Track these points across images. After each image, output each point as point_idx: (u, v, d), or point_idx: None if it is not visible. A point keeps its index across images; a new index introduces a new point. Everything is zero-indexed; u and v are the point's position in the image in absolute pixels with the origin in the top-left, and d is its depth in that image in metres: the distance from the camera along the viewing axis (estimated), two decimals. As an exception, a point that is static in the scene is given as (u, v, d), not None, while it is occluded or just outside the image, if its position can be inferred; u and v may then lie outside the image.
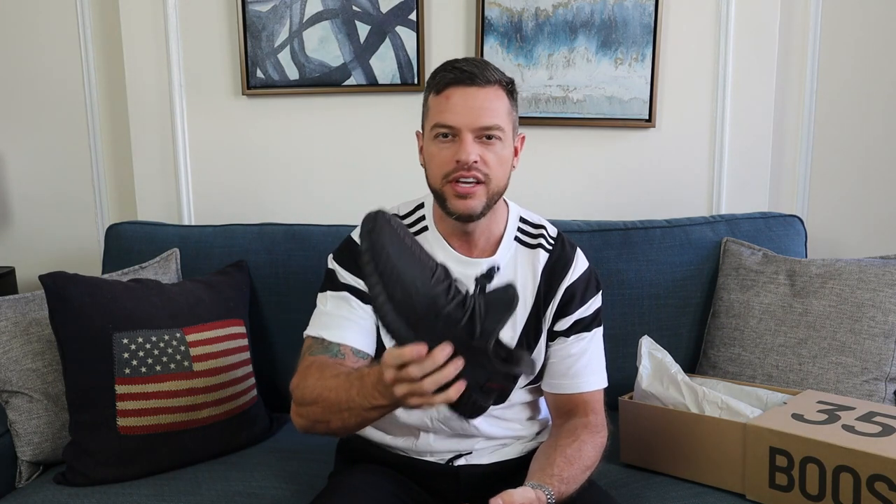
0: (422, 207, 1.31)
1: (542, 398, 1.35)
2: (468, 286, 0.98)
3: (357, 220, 1.32)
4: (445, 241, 1.27)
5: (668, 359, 1.50)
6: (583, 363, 1.27)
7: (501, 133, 1.18)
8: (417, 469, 1.29)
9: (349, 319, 1.22)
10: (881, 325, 1.56)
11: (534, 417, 1.35)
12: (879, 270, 1.60)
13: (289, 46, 2.01)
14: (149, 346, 1.49)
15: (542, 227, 1.32)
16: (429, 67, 1.97)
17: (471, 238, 1.26)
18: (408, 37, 1.99)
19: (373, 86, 2.02)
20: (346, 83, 2.02)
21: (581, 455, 1.18)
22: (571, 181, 2.06)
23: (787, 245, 1.82)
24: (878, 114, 2.02)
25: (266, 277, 1.80)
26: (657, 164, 2.03)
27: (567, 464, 1.15)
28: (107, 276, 1.68)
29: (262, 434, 1.64)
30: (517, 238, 1.30)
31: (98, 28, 2.11)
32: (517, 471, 1.22)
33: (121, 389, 1.45)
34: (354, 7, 1.98)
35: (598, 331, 1.31)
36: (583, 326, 1.28)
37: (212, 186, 2.10)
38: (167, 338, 1.51)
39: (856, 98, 2.02)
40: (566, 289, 1.27)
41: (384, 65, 2.01)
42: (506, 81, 1.21)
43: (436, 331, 0.93)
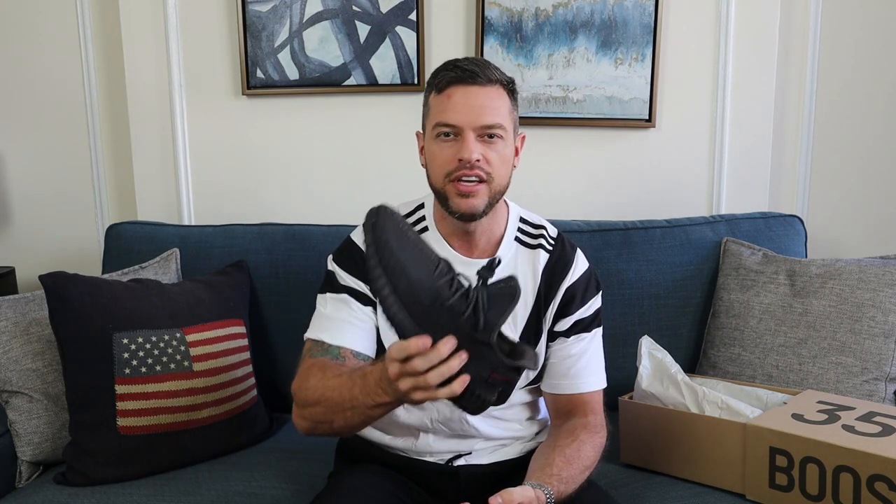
0: (422, 208, 1.31)
1: (542, 398, 1.35)
2: (471, 280, 0.98)
3: (357, 221, 1.33)
4: (446, 242, 1.26)
5: (668, 359, 1.50)
6: (582, 364, 1.27)
7: (503, 132, 1.18)
8: (417, 469, 1.29)
9: (349, 322, 1.22)
10: (881, 325, 1.56)
11: (533, 418, 1.35)
12: (879, 270, 1.60)
13: (289, 46, 2.01)
14: (149, 346, 1.49)
15: (543, 228, 1.32)
16: (429, 67, 1.97)
17: (471, 238, 1.26)
18: (408, 37, 1.99)
19: (373, 86, 2.02)
20: (346, 83, 2.02)
21: (580, 455, 1.18)
22: (571, 181, 2.06)
23: (787, 245, 1.82)
24: (878, 114, 2.02)
25: (266, 277, 1.80)
26: (657, 164, 2.03)
27: (566, 463, 1.15)
28: (107, 276, 1.68)
29: (262, 434, 1.64)
30: (517, 238, 1.29)
31: (98, 28, 2.11)
32: (517, 471, 1.22)
33: (121, 389, 1.45)
34: (354, 7, 1.98)
35: (598, 331, 1.31)
36: (583, 327, 1.28)
37: (212, 186, 2.10)
38: (167, 338, 1.51)
39: (856, 98, 2.02)
40: (566, 289, 1.27)
41: (384, 65, 2.01)
42: (506, 81, 1.21)
43: (440, 323, 0.93)
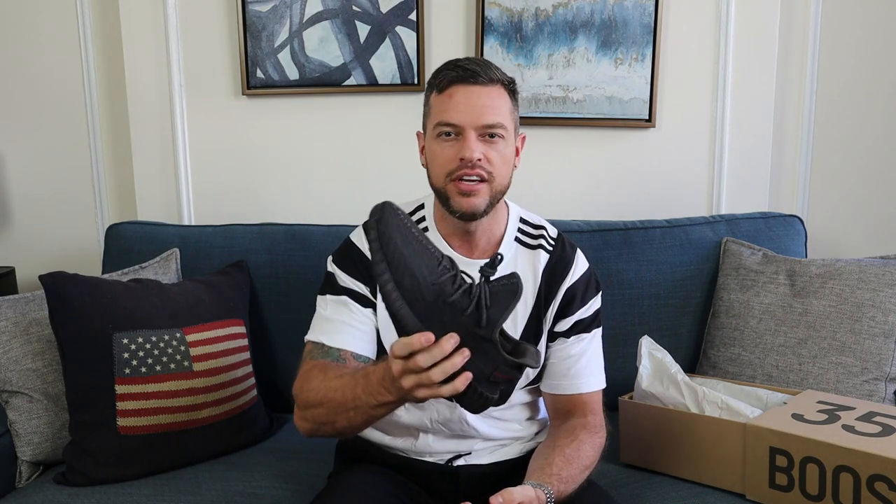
0: (422, 208, 1.31)
1: (541, 398, 1.35)
2: (473, 278, 0.98)
3: (357, 221, 1.33)
4: (446, 242, 1.26)
5: (668, 359, 1.50)
6: (582, 364, 1.27)
7: (504, 131, 1.19)
8: (417, 469, 1.29)
9: (349, 324, 1.22)
10: (881, 325, 1.56)
11: (533, 418, 1.35)
12: (879, 270, 1.60)
13: (289, 46, 2.01)
14: (149, 346, 1.49)
15: (543, 228, 1.32)
16: (429, 67, 1.97)
17: (472, 238, 1.26)
18: (408, 37, 1.99)
19: (373, 86, 2.02)
20: (346, 83, 2.02)
21: (580, 455, 1.18)
22: (571, 181, 2.06)
23: (787, 245, 1.82)
24: (878, 114, 2.02)
25: (266, 277, 1.80)
26: (657, 164, 2.03)
27: (566, 463, 1.15)
28: (107, 276, 1.68)
29: (262, 434, 1.64)
30: (517, 239, 1.29)
31: (98, 28, 2.11)
32: (516, 471, 1.22)
33: (121, 389, 1.45)
34: (354, 7, 1.98)
35: (598, 332, 1.31)
36: (583, 327, 1.28)
37: (212, 186, 2.10)
38: (167, 338, 1.51)
39: (856, 98, 2.02)
40: (567, 290, 1.27)
41: (384, 65, 2.01)
42: (507, 81, 1.21)
43: (443, 320, 0.94)
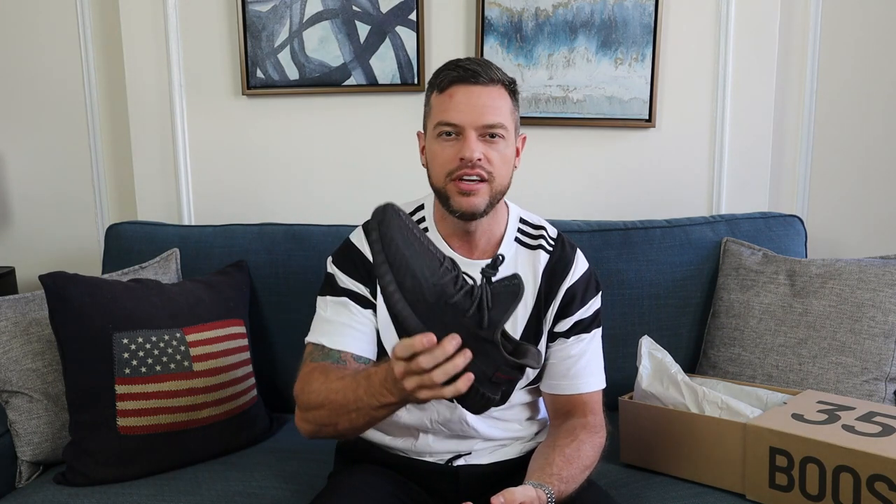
0: (422, 209, 1.31)
1: (541, 398, 1.35)
2: (475, 279, 0.99)
3: (357, 221, 1.34)
4: (446, 242, 1.26)
5: (668, 359, 1.50)
6: (582, 364, 1.27)
7: (504, 131, 1.19)
8: (417, 469, 1.29)
9: (349, 326, 1.22)
10: (881, 325, 1.56)
11: (533, 418, 1.35)
12: (879, 270, 1.60)
13: (289, 46, 2.01)
14: (149, 346, 1.49)
15: (542, 228, 1.32)
16: (429, 67, 1.97)
17: (471, 239, 1.25)
18: (408, 37, 1.99)
19: (373, 86, 2.02)
20: (346, 83, 2.02)
21: (580, 455, 1.18)
22: (571, 181, 2.06)
23: (787, 245, 1.82)
24: (878, 114, 2.02)
25: (266, 277, 1.80)
26: (657, 164, 2.03)
27: (566, 463, 1.15)
28: (107, 276, 1.68)
29: (262, 434, 1.64)
30: (517, 239, 1.29)
31: (98, 28, 2.11)
32: (516, 471, 1.22)
33: (121, 389, 1.45)
34: (354, 7, 1.98)
35: (598, 332, 1.31)
36: (582, 328, 1.28)
37: (212, 186, 2.10)
38: (167, 338, 1.51)
39: (856, 98, 2.02)
40: (567, 290, 1.27)
41: (384, 65, 2.00)
42: (508, 81, 1.21)
43: (444, 321, 0.94)
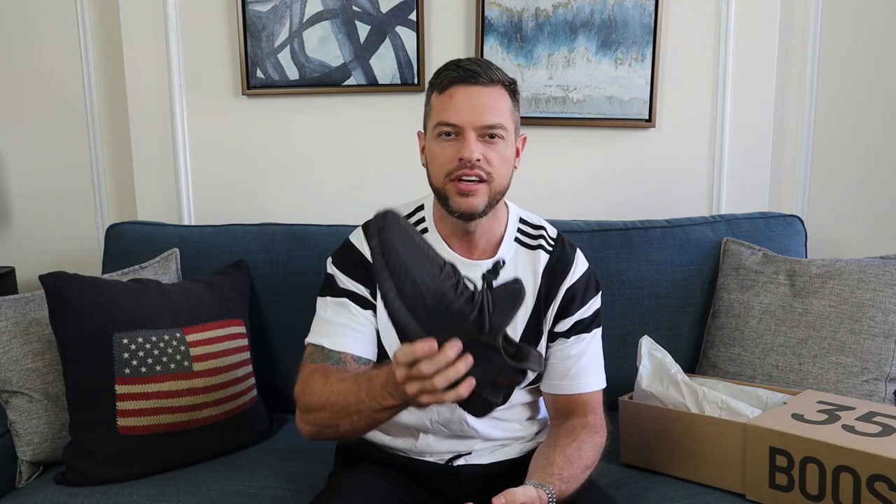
0: (422, 209, 1.31)
1: (541, 398, 1.35)
2: (476, 283, 0.98)
3: (357, 221, 1.33)
4: (445, 242, 1.26)
5: (668, 359, 1.50)
6: (582, 364, 1.27)
7: (504, 132, 1.19)
8: (417, 469, 1.29)
9: (349, 327, 1.22)
10: (881, 325, 1.56)
11: (533, 418, 1.35)
12: (879, 270, 1.60)
13: (289, 46, 2.01)
14: (149, 346, 1.49)
15: (542, 228, 1.32)
16: (429, 67, 1.97)
17: (471, 239, 1.25)
18: (408, 37, 1.99)
19: (373, 86, 2.02)
20: (346, 83, 2.02)
21: (580, 454, 1.18)
22: (571, 181, 2.06)
23: (787, 245, 1.82)
24: (878, 114, 2.02)
25: (266, 277, 1.80)
26: (657, 164, 2.03)
27: (567, 463, 1.15)
28: (107, 276, 1.68)
29: (262, 434, 1.64)
30: (517, 239, 1.29)
31: (98, 28, 2.11)
32: (517, 471, 1.22)
33: (121, 389, 1.45)
34: (354, 7, 1.98)
35: (598, 331, 1.31)
36: (583, 327, 1.28)
37: (212, 186, 2.10)
38: (167, 338, 1.51)
39: (856, 98, 2.02)
40: (567, 290, 1.27)
41: (384, 65, 2.00)
42: (508, 82, 1.21)
43: (445, 327, 0.94)
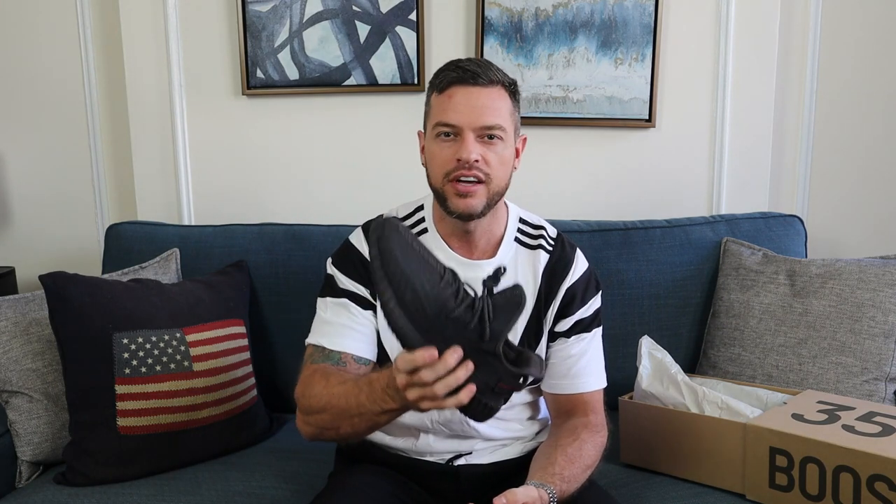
0: (421, 209, 1.31)
1: (542, 398, 1.35)
2: (476, 289, 0.99)
3: (357, 221, 1.34)
4: (445, 243, 1.26)
5: (668, 359, 1.50)
6: (583, 363, 1.28)
7: (503, 133, 1.18)
8: (417, 469, 1.29)
9: (349, 327, 1.22)
10: (881, 325, 1.56)
11: (534, 417, 1.35)
12: (879, 270, 1.60)
13: (289, 46, 2.01)
14: (149, 346, 1.49)
15: (542, 228, 1.32)
16: (429, 67, 1.97)
17: (471, 239, 1.25)
18: (408, 37, 1.99)
19: (373, 86, 2.02)
20: (346, 83, 2.02)
21: (582, 454, 1.18)
22: (571, 181, 2.06)
23: (787, 245, 1.82)
24: (878, 114, 2.02)
25: (266, 277, 1.80)
26: (657, 164, 2.03)
27: (568, 463, 1.15)
28: (107, 276, 1.68)
29: (262, 434, 1.64)
30: (517, 239, 1.29)
31: (98, 28, 2.11)
32: (517, 471, 1.22)
33: (121, 389, 1.45)
34: (354, 7, 1.98)
35: (598, 331, 1.31)
36: (583, 327, 1.28)
37: (212, 186, 2.10)
38: (167, 338, 1.51)
39: (856, 98, 2.02)
40: (567, 289, 1.27)
41: (384, 65, 2.00)
42: (508, 82, 1.21)
43: (445, 334, 0.94)
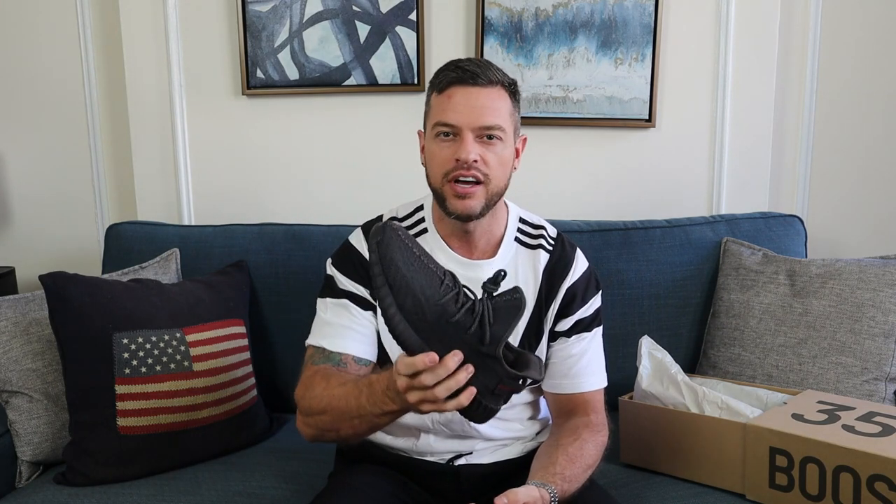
0: (421, 209, 1.31)
1: (542, 397, 1.35)
2: (476, 291, 0.99)
3: (357, 221, 1.34)
4: (445, 243, 1.26)
5: (668, 359, 1.50)
6: (583, 363, 1.28)
7: (502, 133, 1.18)
8: (418, 469, 1.29)
9: (349, 328, 1.23)
10: (881, 325, 1.56)
11: (534, 417, 1.35)
12: (879, 270, 1.60)
13: (289, 46, 2.01)
14: (149, 346, 1.49)
15: (542, 228, 1.32)
16: (429, 67, 1.97)
17: (471, 239, 1.25)
18: (408, 37, 1.99)
19: (373, 86, 2.02)
20: (346, 83, 2.02)
21: (583, 454, 1.18)
22: (571, 181, 2.06)
23: (787, 245, 1.82)
24: (878, 114, 2.02)
25: (266, 277, 1.80)
26: (657, 164, 2.03)
27: (569, 462, 1.16)
28: (107, 276, 1.68)
29: (262, 434, 1.64)
30: (517, 239, 1.29)
31: (98, 28, 2.11)
32: (518, 471, 1.22)
33: (121, 389, 1.45)
34: (354, 7, 1.98)
35: (598, 330, 1.32)
36: (583, 326, 1.28)
37: (212, 186, 2.10)
38: (167, 338, 1.51)
39: (856, 98, 2.02)
40: (567, 289, 1.27)
41: (384, 65, 2.00)
42: (508, 82, 1.21)
43: (446, 338, 0.95)
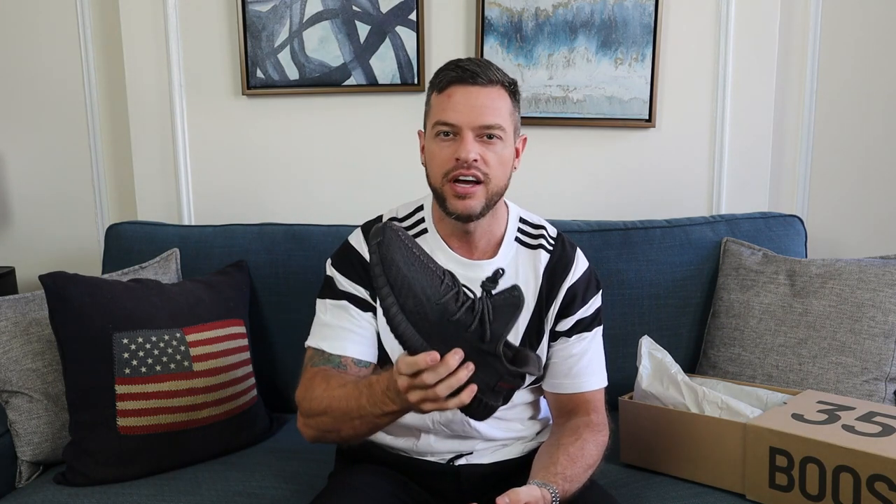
0: (421, 209, 1.31)
1: (543, 397, 1.35)
2: (475, 291, 1.00)
3: (357, 221, 1.34)
4: (445, 243, 1.26)
5: (668, 359, 1.50)
6: (584, 363, 1.28)
7: (502, 133, 1.18)
8: (418, 469, 1.29)
9: (349, 330, 1.23)
10: (881, 325, 1.56)
11: (534, 417, 1.35)
12: (879, 270, 1.60)
13: (289, 46, 2.01)
14: (149, 346, 1.49)
15: (542, 228, 1.32)
16: (429, 67, 1.97)
17: (471, 239, 1.25)
18: (408, 37, 1.99)
19: (373, 86, 2.02)
20: (346, 83, 2.02)
21: (584, 453, 1.19)
22: (571, 181, 2.06)
23: (787, 245, 1.82)
24: (878, 114, 2.02)
25: (266, 277, 1.80)
26: (657, 164, 2.03)
27: (570, 462, 1.16)
28: (107, 276, 1.68)
29: (262, 434, 1.64)
30: (518, 239, 1.29)
31: (98, 28, 2.11)
32: (518, 471, 1.22)
33: (121, 389, 1.45)
34: (354, 7, 1.98)
35: (599, 330, 1.32)
36: (584, 326, 1.28)
37: (212, 186, 2.10)
38: (167, 338, 1.51)
39: (856, 98, 2.02)
40: (568, 289, 1.27)
41: (384, 65, 2.01)
42: (508, 82, 1.21)
43: (446, 337, 0.96)
